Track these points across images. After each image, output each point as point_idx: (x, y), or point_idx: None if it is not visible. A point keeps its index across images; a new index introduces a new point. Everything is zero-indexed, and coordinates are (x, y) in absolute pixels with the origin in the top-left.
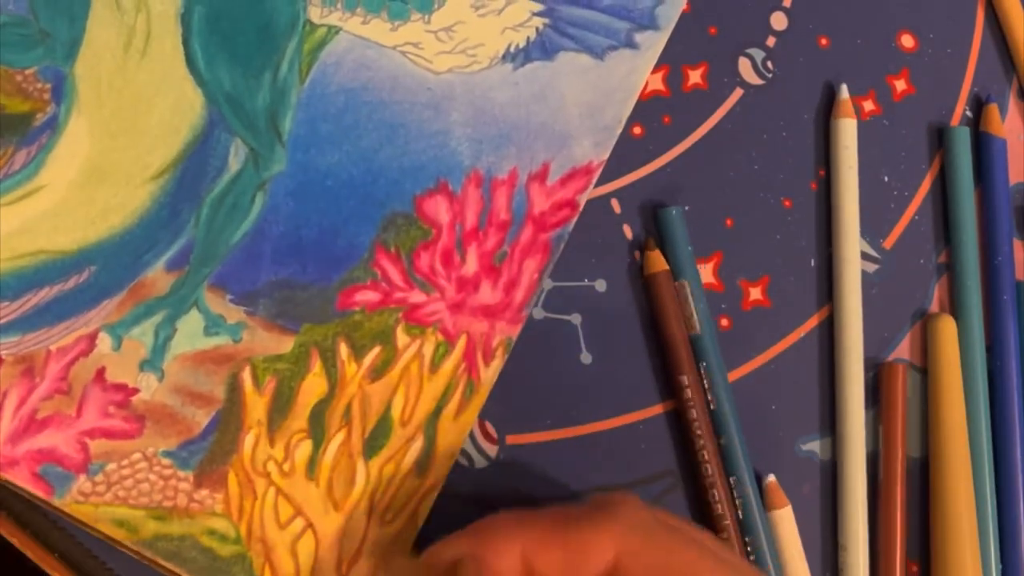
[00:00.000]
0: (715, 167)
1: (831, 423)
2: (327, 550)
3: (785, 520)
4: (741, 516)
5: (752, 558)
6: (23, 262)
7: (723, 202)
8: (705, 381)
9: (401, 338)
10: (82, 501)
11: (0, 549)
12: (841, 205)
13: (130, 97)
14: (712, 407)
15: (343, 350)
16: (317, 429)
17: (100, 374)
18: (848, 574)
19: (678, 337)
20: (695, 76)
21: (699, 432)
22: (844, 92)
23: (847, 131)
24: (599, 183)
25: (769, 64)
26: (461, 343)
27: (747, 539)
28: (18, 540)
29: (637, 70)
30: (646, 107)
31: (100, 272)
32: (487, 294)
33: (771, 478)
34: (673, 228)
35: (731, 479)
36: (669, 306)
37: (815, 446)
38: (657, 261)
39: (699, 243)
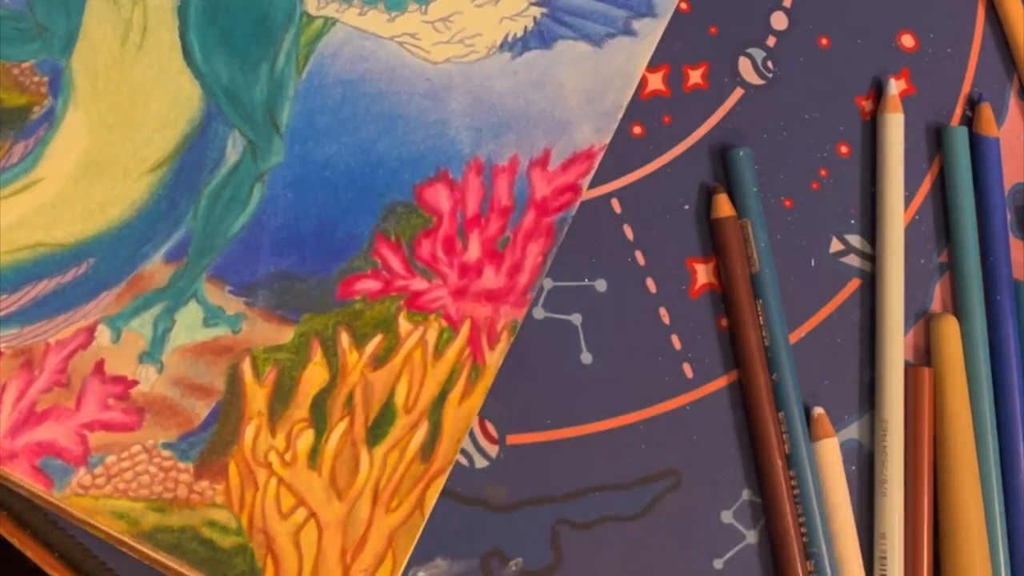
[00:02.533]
0: (715, 167)
1: (833, 422)
2: (330, 539)
3: (829, 450)
4: (788, 450)
5: (796, 490)
6: (21, 255)
7: None
8: (761, 318)
9: (403, 325)
10: (82, 494)
11: (0, 549)
12: (885, 201)
13: (127, 90)
14: (767, 343)
15: (344, 339)
16: (319, 418)
17: (99, 366)
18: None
19: (740, 277)
20: (695, 76)
21: (754, 368)
22: (892, 87)
23: (895, 126)
24: (599, 183)
25: (769, 64)
26: (465, 328)
27: (792, 471)
28: (18, 540)
29: (635, 57)
30: (646, 107)
31: (98, 264)
32: (490, 279)
33: (819, 410)
34: (741, 169)
35: (780, 413)
36: (735, 250)
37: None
38: (724, 206)
39: (699, 243)
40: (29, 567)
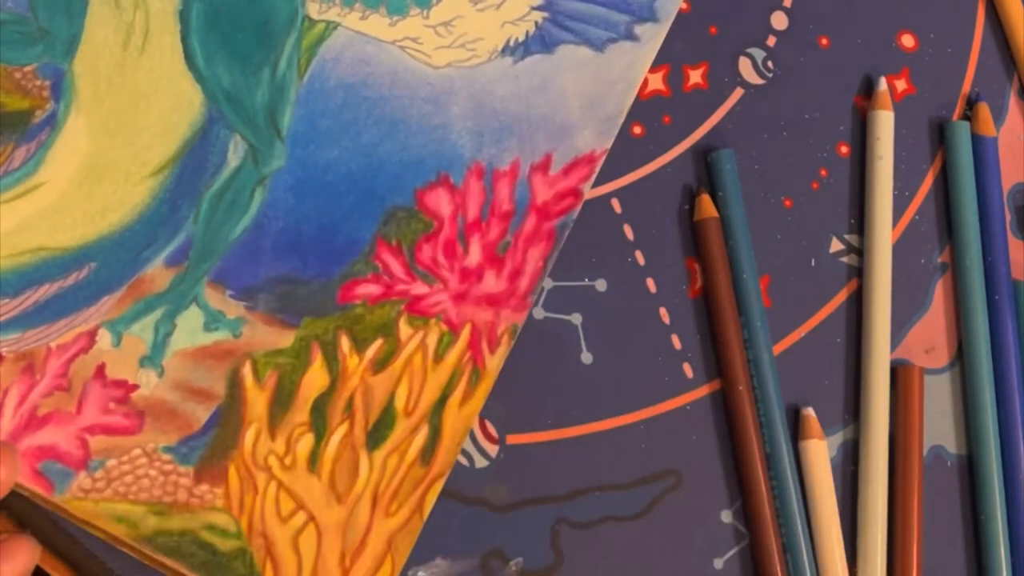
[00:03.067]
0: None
1: (834, 422)
2: (330, 543)
3: (816, 451)
4: (768, 449)
5: (775, 491)
6: (23, 259)
7: None
8: (743, 320)
9: (404, 330)
10: (82, 497)
11: None
12: (874, 197)
13: (129, 94)
14: (745, 337)
15: (344, 343)
16: (319, 422)
17: (100, 371)
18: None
19: (721, 279)
20: (695, 76)
21: (735, 370)
22: (882, 84)
23: (883, 123)
24: (599, 183)
25: (769, 64)
26: (465, 332)
27: (771, 473)
28: None
29: (637, 62)
30: (646, 107)
31: (100, 269)
32: (491, 283)
33: (808, 411)
34: (722, 170)
35: (761, 416)
36: (716, 251)
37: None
38: (707, 207)
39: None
40: None
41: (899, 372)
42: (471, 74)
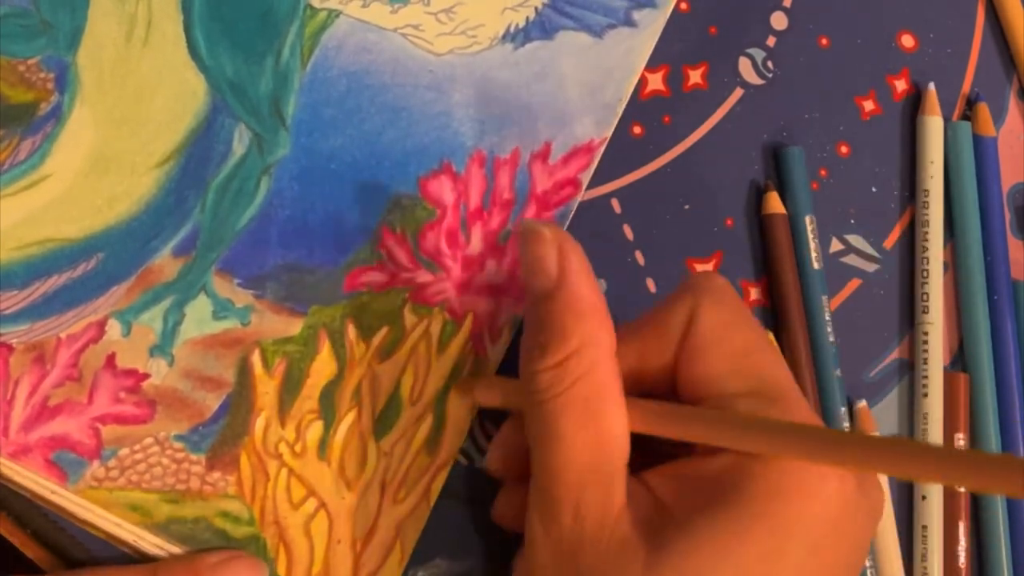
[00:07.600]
0: (715, 167)
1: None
2: (340, 529)
3: None
4: None
5: None
6: (31, 251)
7: (723, 202)
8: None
9: (408, 318)
10: (96, 486)
11: (0, 549)
12: (931, 207)
13: (133, 85)
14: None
15: (351, 331)
16: (328, 410)
17: (110, 360)
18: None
19: (789, 275)
20: (695, 76)
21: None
22: (931, 88)
23: (935, 129)
24: (599, 183)
25: (769, 64)
26: (468, 322)
27: None
28: (18, 540)
29: (636, 48)
30: (646, 107)
31: (108, 259)
32: (492, 273)
33: (862, 403)
34: (792, 167)
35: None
36: (784, 246)
37: None
38: (774, 202)
39: (699, 243)
40: (29, 567)
41: (945, 379)
42: (472, 61)
